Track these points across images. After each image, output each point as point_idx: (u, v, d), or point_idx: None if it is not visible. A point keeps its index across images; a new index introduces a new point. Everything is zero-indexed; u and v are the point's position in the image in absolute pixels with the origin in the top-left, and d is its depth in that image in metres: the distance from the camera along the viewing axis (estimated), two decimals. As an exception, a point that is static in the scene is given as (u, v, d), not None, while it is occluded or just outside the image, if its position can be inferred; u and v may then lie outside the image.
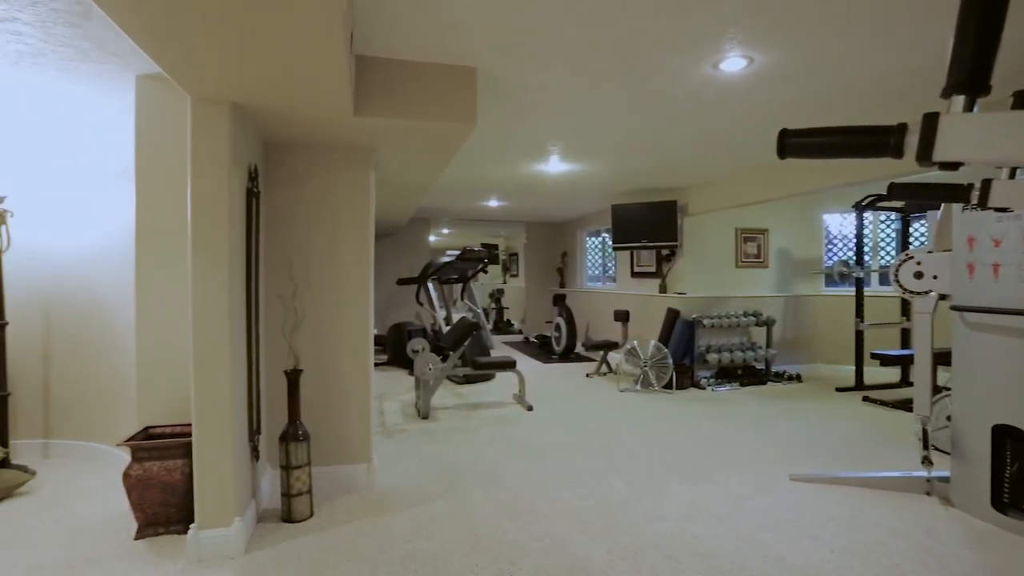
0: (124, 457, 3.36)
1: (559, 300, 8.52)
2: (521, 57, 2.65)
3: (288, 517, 2.68)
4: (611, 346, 6.78)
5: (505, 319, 12.53)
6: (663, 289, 6.72)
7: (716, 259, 6.73)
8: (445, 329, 6.44)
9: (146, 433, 2.74)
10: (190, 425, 2.80)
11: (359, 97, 2.64)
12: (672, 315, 6.17)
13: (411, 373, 6.71)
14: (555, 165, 5.17)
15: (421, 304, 6.79)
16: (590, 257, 9.52)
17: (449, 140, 3.13)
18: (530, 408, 4.97)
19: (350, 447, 3.15)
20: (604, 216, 8.28)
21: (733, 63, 2.71)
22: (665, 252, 6.78)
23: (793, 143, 0.99)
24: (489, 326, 10.15)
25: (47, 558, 2.34)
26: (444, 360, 4.94)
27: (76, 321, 3.64)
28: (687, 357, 6.03)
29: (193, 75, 2.08)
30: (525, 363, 7.66)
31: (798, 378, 6.24)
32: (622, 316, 6.76)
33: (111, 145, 3.55)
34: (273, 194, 3.05)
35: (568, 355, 8.12)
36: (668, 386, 5.74)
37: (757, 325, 6.28)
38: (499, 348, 9.23)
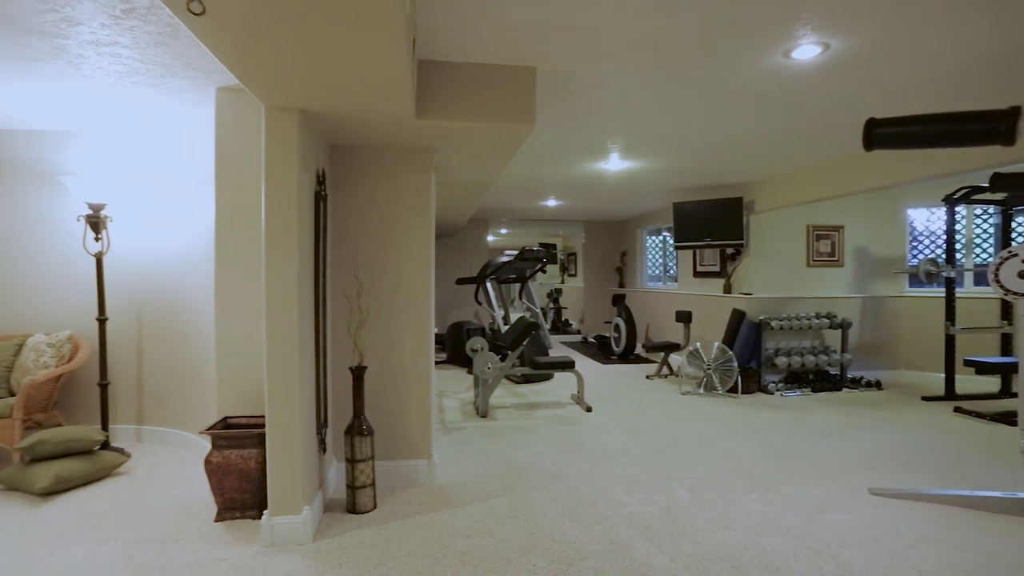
0: (206, 445, 3.61)
1: (618, 300, 8.38)
2: (582, 55, 2.62)
3: (352, 508, 2.78)
4: (672, 348, 6.59)
5: (563, 319, 12.46)
6: (727, 289, 6.46)
7: (785, 258, 6.40)
8: (503, 328, 6.48)
9: (225, 423, 2.92)
10: (264, 417, 2.96)
11: (421, 100, 2.69)
12: (737, 316, 5.92)
13: (470, 371, 6.81)
14: (615, 163, 5.09)
15: (480, 303, 6.86)
16: (650, 256, 9.30)
17: (508, 140, 3.14)
18: (589, 409, 4.91)
19: (411, 443, 3.23)
20: (665, 214, 8.06)
21: (807, 51, 2.56)
22: (730, 251, 6.52)
23: (883, 133, 0.92)
24: (547, 326, 10.13)
25: (142, 534, 2.54)
26: (503, 359, 4.97)
27: (164, 318, 3.93)
28: (753, 360, 5.78)
29: (266, 85, 2.19)
30: (583, 364, 7.59)
31: (878, 385, 5.83)
32: (684, 317, 6.56)
33: (194, 154, 3.82)
34: (339, 196, 3.17)
35: (627, 356, 7.97)
36: (733, 390, 5.52)
37: (831, 328, 5.92)
38: (557, 348, 9.19)
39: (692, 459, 3.58)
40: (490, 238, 11.77)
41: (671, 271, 8.44)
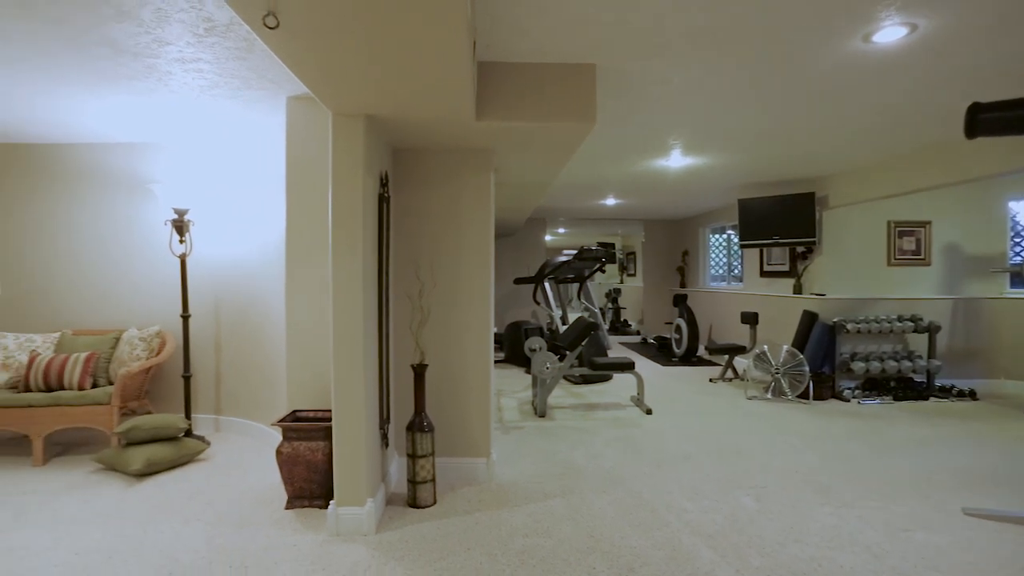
0: (277, 436, 3.80)
1: (680, 300, 8.15)
2: (643, 50, 2.56)
3: (413, 503, 2.84)
4: (737, 350, 6.33)
5: (622, 319, 12.26)
6: (798, 290, 6.13)
7: (862, 256, 6.00)
8: (562, 328, 6.45)
9: (294, 416, 3.07)
10: (330, 411, 3.08)
11: (480, 102, 2.72)
12: (809, 318, 5.61)
13: (528, 371, 6.82)
14: (676, 160, 4.94)
15: (538, 303, 6.86)
16: (714, 255, 8.98)
17: (568, 139, 3.12)
18: (649, 411, 4.80)
19: (470, 440, 3.27)
20: (730, 211, 7.76)
21: (890, 33, 2.39)
22: (800, 249, 6.19)
23: (989, 119, 0.83)
24: (605, 326, 9.99)
25: (221, 517, 2.71)
26: (561, 359, 4.94)
27: (239, 316, 4.18)
28: (826, 365, 5.45)
29: (334, 93, 2.28)
30: (643, 365, 7.43)
31: (972, 395, 5.35)
32: (750, 318, 6.28)
33: (267, 160, 4.03)
34: (401, 198, 3.26)
35: (689, 358, 7.73)
36: (804, 396, 5.23)
37: (916, 331, 5.49)
38: (616, 349, 9.05)
39: (759, 467, 3.42)
40: (548, 238, 11.75)
41: (736, 270, 8.11)
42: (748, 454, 3.68)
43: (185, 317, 3.90)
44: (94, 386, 3.77)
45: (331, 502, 2.56)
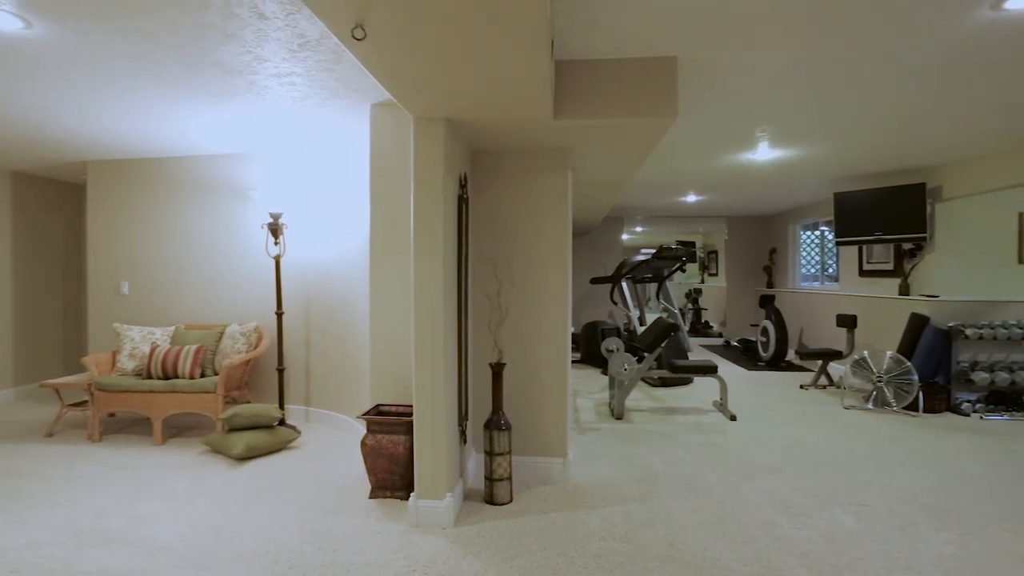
0: (360, 428, 3.99)
1: (767, 301, 7.70)
2: (731, 38, 2.43)
3: (490, 499, 2.88)
4: (832, 355, 5.88)
5: (703, 321, 11.77)
6: (904, 290, 5.59)
7: (985, 254, 5.36)
8: (639, 329, 6.29)
9: (377, 410, 3.20)
10: (411, 406, 3.19)
11: (558, 101, 2.70)
12: (918, 322, 5.10)
13: (604, 372, 6.72)
14: (764, 153, 4.67)
15: (615, 303, 6.73)
16: (805, 253, 8.40)
17: (648, 135, 3.03)
18: (733, 418, 4.57)
19: (547, 440, 3.26)
20: (824, 206, 7.23)
21: None
22: (907, 246, 5.63)
23: None
24: (685, 328, 9.64)
25: (310, 502, 2.88)
26: (640, 361, 4.82)
27: (327, 314, 4.42)
28: (940, 374, 4.93)
29: (416, 98, 2.35)
30: (726, 369, 7.09)
31: (1121, 411, 4.64)
32: (847, 321, 5.81)
33: (352, 165, 4.24)
34: (479, 199, 3.30)
35: (777, 363, 7.29)
36: (911, 407, 4.76)
37: (1051, 338, 4.83)
38: (697, 351, 8.70)
39: (859, 484, 3.15)
40: (624, 236, 11.51)
41: (830, 269, 7.54)
42: (846, 468, 3.40)
43: (279, 314, 4.19)
44: (202, 375, 4.14)
45: (411, 494, 2.65)
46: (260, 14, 2.21)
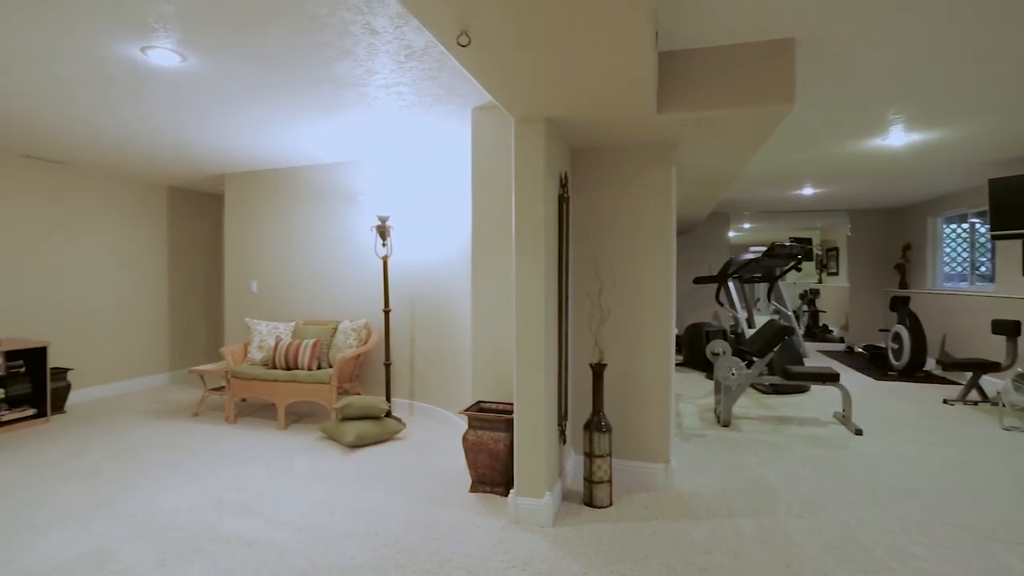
0: (462, 423, 4.11)
1: (900, 304, 6.89)
2: (859, 10, 2.20)
3: (589, 501, 2.84)
4: (986, 367, 5.13)
5: (820, 324, 10.81)
6: (1082, 292, 4.74)
7: None
8: (747, 332, 5.91)
9: (478, 406, 3.27)
10: (511, 404, 3.23)
11: (661, 94, 2.60)
12: (1100, 329, 4.30)
13: (708, 376, 6.39)
14: (897, 137, 4.18)
15: (721, 304, 6.38)
16: (949, 249, 7.41)
17: (760, 125, 2.82)
18: (859, 432, 4.14)
19: (648, 444, 3.15)
20: (973, 195, 6.34)
21: None
22: (1086, 239, 4.77)
23: None
24: (800, 331, 8.91)
25: (415, 492, 3.01)
26: (748, 366, 4.52)
27: (430, 312, 4.61)
28: None
29: (517, 100, 2.37)
30: (850, 377, 6.45)
31: None
32: (1007, 328, 5.04)
33: (454, 169, 4.38)
34: (580, 197, 3.27)
35: (912, 373, 6.50)
36: (1091, 430, 4.02)
37: None
38: (813, 357, 8.00)
39: None
40: (731, 233, 10.88)
41: (983, 268, 6.59)
42: (1007, 499, 2.95)
43: (387, 312, 4.43)
44: (319, 367, 4.49)
45: (511, 491, 2.68)
46: (372, 29, 2.35)
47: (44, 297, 4.97)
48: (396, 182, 4.79)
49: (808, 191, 6.77)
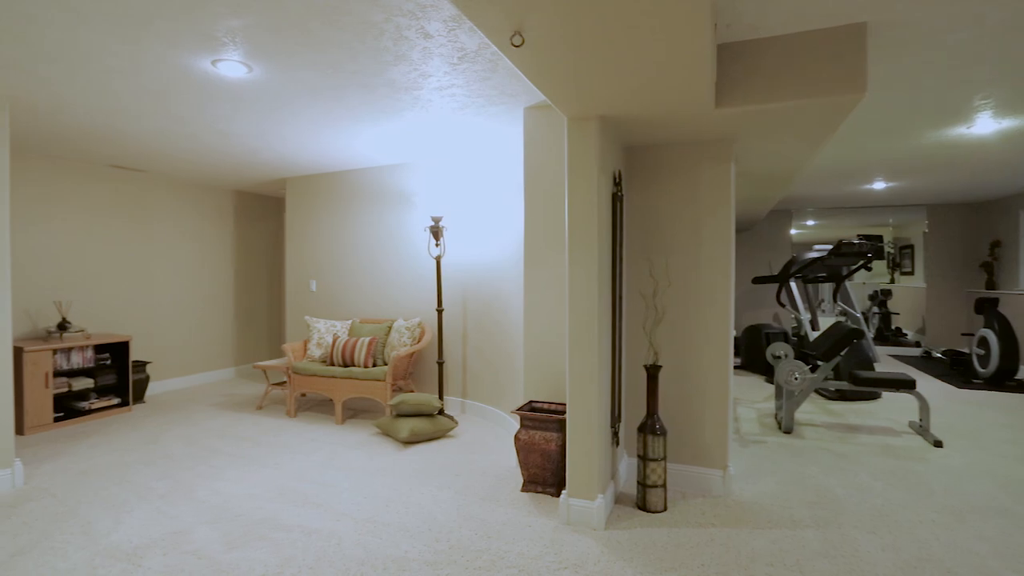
0: (513, 422, 4.12)
1: (987, 306, 6.37)
2: (938, -11, 2.04)
3: (643, 505, 2.78)
4: (1085, 375, 4.66)
5: (892, 327, 10.15)
6: None
7: None
8: (811, 334, 5.63)
9: (530, 405, 3.27)
10: (563, 404, 3.21)
11: (720, 88, 2.51)
12: None
13: (768, 380, 6.13)
14: (985, 125, 3.86)
15: (783, 305, 6.11)
16: (1041, 247, 6.78)
17: (827, 117, 2.68)
18: (938, 444, 3.85)
19: (705, 449, 3.06)
20: (1071, 187, 5.77)
21: None
22: None
23: None
24: (870, 334, 8.40)
25: (467, 489, 3.04)
26: (813, 370, 4.30)
27: (482, 311, 4.64)
28: None
29: (570, 98, 2.35)
30: (928, 385, 6.02)
31: None
32: (1109, 332, 4.56)
33: (506, 169, 4.39)
34: (634, 196, 3.21)
35: (1001, 381, 5.99)
36: None
37: None
38: (884, 362, 7.53)
39: None
40: (793, 231, 10.39)
41: (1081, 267, 5.99)
42: (1108, 519, 2.67)
43: (439, 311, 4.50)
44: (374, 365, 4.62)
45: (563, 492, 2.66)
46: (426, 34, 2.39)
47: (124, 295, 5.36)
48: (448, 183, 4.86)
49: (880, 185, 6.37)
